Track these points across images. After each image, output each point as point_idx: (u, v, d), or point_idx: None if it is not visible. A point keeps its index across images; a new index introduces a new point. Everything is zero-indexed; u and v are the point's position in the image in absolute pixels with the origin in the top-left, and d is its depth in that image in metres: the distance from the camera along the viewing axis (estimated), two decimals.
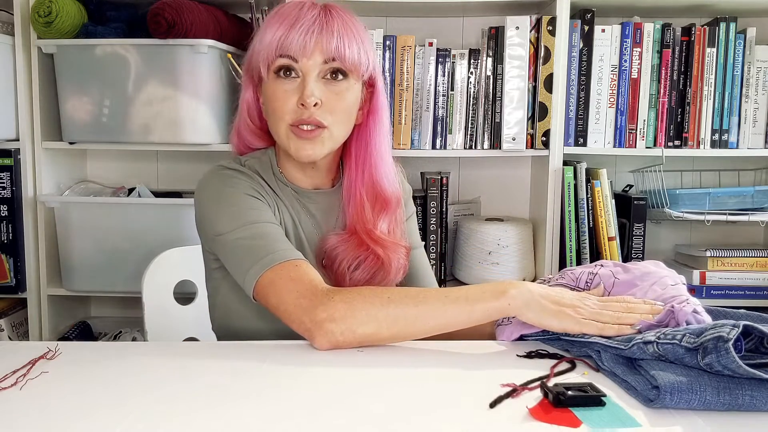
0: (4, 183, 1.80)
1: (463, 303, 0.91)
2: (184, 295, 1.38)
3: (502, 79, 1.80)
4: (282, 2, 1.07)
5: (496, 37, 1.81)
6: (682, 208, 1.79)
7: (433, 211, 1.85)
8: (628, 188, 1.97)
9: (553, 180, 1.80)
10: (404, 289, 0.95)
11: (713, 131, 1.81)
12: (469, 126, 1.85)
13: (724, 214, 1.78)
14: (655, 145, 1.82)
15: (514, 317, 0.95)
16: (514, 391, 0.74)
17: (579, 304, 0.91)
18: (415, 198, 1.83)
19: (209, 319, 1.17)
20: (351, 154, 1.14)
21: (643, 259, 1.78)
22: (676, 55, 1.80)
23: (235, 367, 0.84)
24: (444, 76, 1.83)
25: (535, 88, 1.80)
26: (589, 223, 1.78)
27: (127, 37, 1.73)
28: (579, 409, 0.69)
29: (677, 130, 1.82)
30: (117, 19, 1.75)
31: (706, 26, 1.80)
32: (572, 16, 1.78)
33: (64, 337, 1.88)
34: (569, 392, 0.70)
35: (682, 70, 1.80)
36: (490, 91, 1.83)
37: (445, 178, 1.85)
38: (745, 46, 1.79)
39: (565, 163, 1.79)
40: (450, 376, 0.82)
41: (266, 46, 1.03)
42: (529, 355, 0.88)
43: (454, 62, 1.83)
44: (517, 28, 1.77)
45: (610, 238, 1.76)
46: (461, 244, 1.90)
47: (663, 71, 1.80)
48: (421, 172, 1.94)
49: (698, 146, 1.81)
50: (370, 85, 1.11)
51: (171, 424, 0.68)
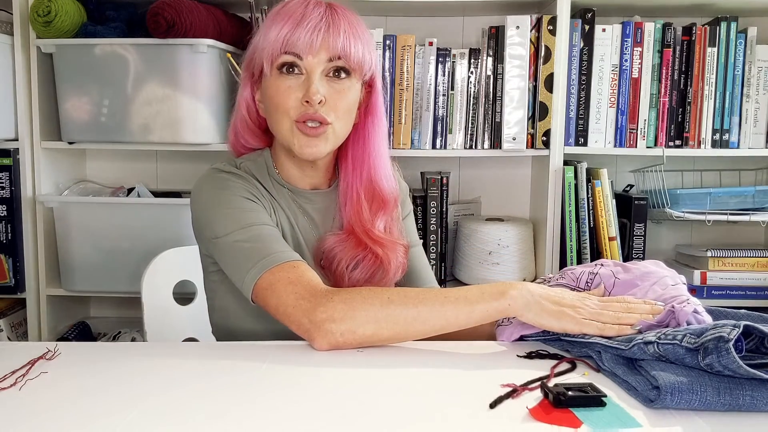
0: (3, 183, 1.80)
1: (462, 303, 0.91)
2: (184, 296, 1.38)
3: (502, 79, 1.80)
4: (283, 1, 1.07)
5: (497, 37, 1.81)
6: (683, 208, 1.79)
7: (434, 211, 1.85)
8: (628, 188, 1.97)
9: (553, 180, 1.80)
10: (404, 290, 0.95)
11: (714, 131, 1.81)
12: (470, 126, 1.85)
13: (725, 214, 1.78)
14: (655, 145, 1.82)
15: (514, 318, 0.95)
16: (514, 392, 0.74)
17: (579, 304, 0.90)
18: (415, 198, 1.84)
19: (209, 320, 1.17)
20: (348, 153, 1.14)
21: (643, 259, 1.77)
22: (677, 55, 1.79)
23: (235, 368, 0.84)
24: (444, 75, 1.82)
25: (535, 88, 1.80)
26: (589, 223, 1.78)
27: (126, 37, 1.73)
28: (579, 410, 0.69)
29: (678, 130, 1.82)
30: (116, 19, 1.75)
31: (706, 26, 1.79)
32: (573, 16, 1.78)
33: (64, 338, 1.88)
34: (570, 392, 0.70)
35: (683, 69, 1.80)
36: (491, 90, 1.82)
37: (445, 178, 1.85)
38: (746, 46, 1.78)
39: (566, 163, 1.79)
40: (450, 376, 0.81)
41: (271, 42, 1.02)
42: (530, 356, 0.87)
43: (454, 62, 1.83)
44: (518, 27, 1.77)
45: (611, 238, 1.76)
46: (461, 244, 1.90)
47: (664, 71, 1.80)
48: (421, 172, 1.94)
49: (699, 146, 1.81)
50: (368, 86, 1.12)
51: (171, 425, 0.68)
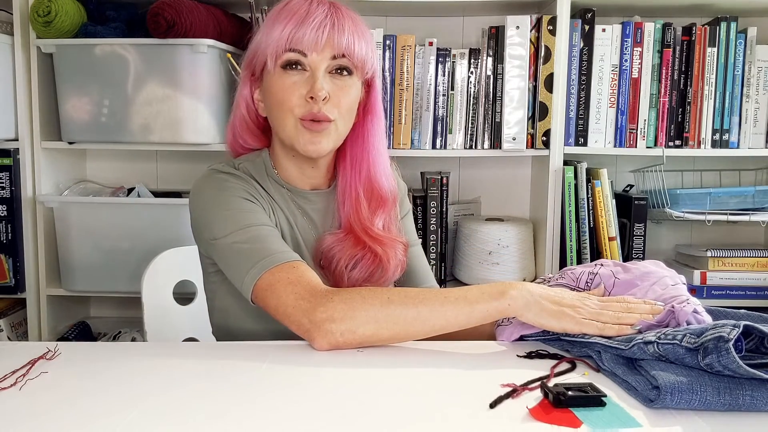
0: (3, 183, 1.80)
1: (462, 303, 0.91)
2: (184, 296, 1.38)
3: (502, 79, 1.80)
4: (283, 0, 1.07)
5: (497, 37, 1.81)
6: (683, 208, 1.79)
7: (433, 211, 1.85)
8: (628, 188, 1.97)
9: (553, 180, 1.80)
10: (404, 290, 0.95)
11: (714, 131, 1.81)
12: (469, 126, 1.85)
13: (725, 214, 1.78)
14: (655, 145, 1.82)
15: (514, 318, 0.95)
16: (514, 392, 0.74)
17: (579, 304, 0.90)
18: (415, 198, 1.84)
19: (209, 320, 1.17)
20: (347, 152, 1.14)
21: (643, 259, 1.77)
22: (677, 55, 1.79)
23: (235, 368, 0.84)
24: (444, 75, 1.82)
25: (535, 88, 1.80)
26: (589, 223, 1.78)
27: (126, 37, 1.73)
28: (579, 410, 0.69)
29: (678, 130, 1.82)
30: (116, 19, 1.75)
31: (706, 26, 1.79)
32: (573, 16, 1.78)
33: (64, 338, 1.88)
34: (569, 392, 0.70)
35: (683, 69, 1.80)
36: (491, 90, 1.82)
37: (445, 178, 1.85)
38: (745, 46, 1.79)
39: (566, 163, 1.79)
40: (450, 376, 0.81)
41: (275, 39, 1.03)
42: (530, 356, 0.87)
43: (454, 62, 1.83)
44: (518, 27, 1.77)
45: (611, 238, 1.76)
46: (461, 244, 1.90)
47: (663, 71, 1.80)
48: (421, 172, 1.94)
49: (699, 146, 1.81)
50: (367, 85, 1.12)
51: (171, 425, 0.68)
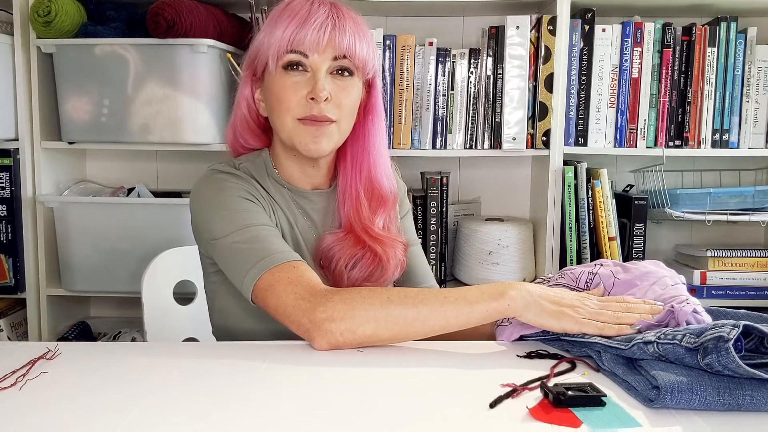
0: (3, 183, 1.80)
1: (462, 304, 0.91)
2: (184, 296, 1.38)
3: (502, 79, 1.80)
4: (285, 0, 1.07)
5: (497, 37, 1.81)
6: (683, 208, 1.79)
7: (433, 211, 1.85)
8: (628, 188, 1.97)
9: (553, 180, 1.80)
10: (404, 290, 0.95)
11: (714, 131, 1.81)
12: (469, 126, 1.85)
13: (725, 214, 1.78)
14: (655, 145, 1.82)
15: (514, 318, 0.95)
16: (514, 392, 0.74)
17: (578, 304, 0.91)
18: (415, 198, 1.84)
19: (209, 320, 1.17)
20: (347, 152, 1.14)
21: (643, 259, 1.77)
22: (677, 55, 1.79)
23: (235, 368, 0.84)
24: (444, 75, 1.82)
25: (535, 88, 1.80)
26: (589, 223, 1.78)
27: (126, 37, 1.73)
28: (579, 410, 0.69)
29: (678, 130, 1.82)
30: (116, 19, 1.75)
31: (706, 26, 1.79)
32: (573, 16, 1.78)
33: (64, 338, 1.88)
34: (569, 392, 0.70)
35: (683, 69, 1.80)
36: (491, 90, 1.82)
37: (445, 178, 1.85)
38: (745, 46, 1.79)
39: (566, 163, 1.79)
40: (450, 376, 0.81)
41: (277, 40, 1.03)
42: (529, 356, 0.87)
43: (454, 62, 1.83)
44: (518, 27, 1.77)
45: (611, 238, 1.76)
46: (461, 244, 1.90)
47: (663, 71, 1.80)
48: (421, 172, 1.94)
49: (699, 146, 1.81)
50: (368, 85, 1.12)
51: (171, 425, 0.68)
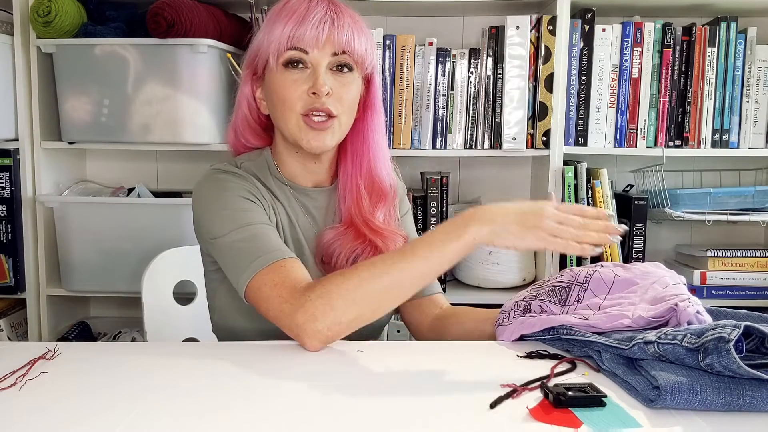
0: (3, 183, 1.80)
1: (428, 253, 0.91)
2: (184, 295, 1.38)
3: (502, 79, 1.80)
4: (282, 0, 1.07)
5: (497, 37, 1.81)
6: (683, 208, 1.79)
7: (433, 211, 1.85)
8: (628, 188, 1.97)
9: (553, 180, 1.80)
10: (371, 262, 0.94)
11: (714, 131, 1.81)
12: (469, 126, 1.85)
13: (725, 214, 1.77)
14: (655, 145, 1.82)
15: (514, 317, 0.95)
16: (514, 392, 0.74)
17: (540, 223, 0.89)
18: (415, 198, 1.84)
19: (209, 319, 1.17)
20: (347, 148, 1.14)
21: (643, 259, 1.78)
22: (677, 55, 1.79)
23: (235, 368, 0.84)
24: (444, 75, 1.82)
25: (535, 88, 1.80)
26: None
27: (126, 37, 1.73)
28: (579, 410, 0.69)
29: (678, 130, 1.82)
30: (116, 19, 1.75)
31: (706, 26, 1.79)
32: (573, 16, 1.78)
33: (64, 338, 1.88)
34: (570, 393, 0.70)
35: (683, 69, 1.80)
36: (491, 90, 1.82)
37: (445, 178, 1.85)
38: (745, 46, 1.78)
39: (566, 163, 1.79)
40: (450, 376, 0.81)
41: (276, 38, 1.03)
42: (530, 356, 0.87)
43: (454, 62, 1.83)
44: (518, 27, 1.77)
45: None
46: None
47: (663, 71, 1.80)
48: (421, 172, 1.94)
49: (699, 146, 1.81)
50: (367, 81, 1.13)
51: (170, 425, 0.68)
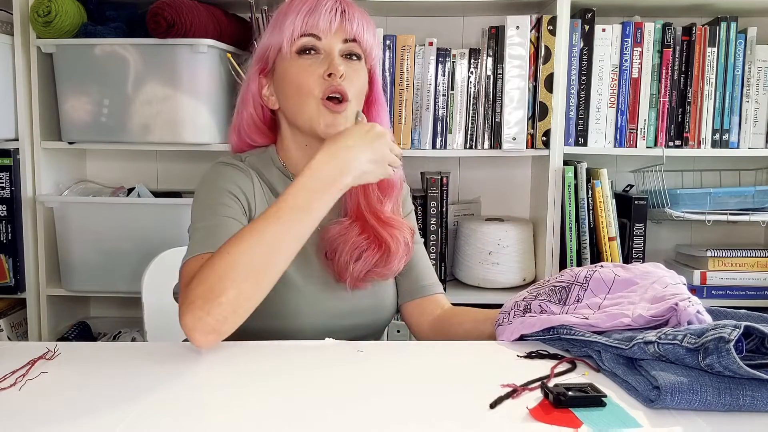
0: (3, 183, 1.80)
1: (300, 213, 0.92)
2: None
3: (502, 79, 1.80)
4: (283, 0, 1.08)
5: (497, 37, 1.81)
6: (683, 208, 1.79)
7: (433, 211, 1.85)
8: (628, 188, 1.97)
9: (553, 180, 1.80)
10: (238, 238, 0.91)
11: (714, 131, 1.81)
12: (469, 126, 1.85)
13: (725, 214, 1.77)
14: (655, 145, 1.82)
15: (514, 317, 0.95)
16: (514, 392, 0.74)
17: (386, 155, 1.00)
18: (415, 198, 1.84)
19: None
20: None
21: (643, 259, 1.78)
22: (677, 55, 1.79)
23: (234, 368, 0.84)
24: (444, 75, 1.82)
25: (535, 88, 1.80)
26: (589, 223, 1.78)
27: (126, 37, 1.73)
28: (579, 410, 0.69)
29: (678, 130, 1.82)
30: (116, 19, 1.75)
31: (706, 26, 1.79)
32: (573, 16, 1.78)
33: (64, 338, 1.88)
34: (570, 393, 0.70)
35: (683, 69, 1.80)
36: (491, 90, 1.82)
37: (445, 178, 1.85)
38: (745, 46, 1.78)
39: (566, 163, 1.79)
40: (450, 376, 0.81)
41: (289, 27, 1.06)
42: (530, 356, 0.87)
43: (454, 62, 1.83)
44: (518, 27, 1.77)
45: (611, 238, 1.76)
46: (461, 244, 1.90)
47: (664, 71, 1.80)
48: (421, 172, 1.94)
49: (699, 146, 1.81)
50: (369, 76, 1.14)
51: (170, 425, 0.68)
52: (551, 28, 1.76)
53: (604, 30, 1.78)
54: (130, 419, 0.68)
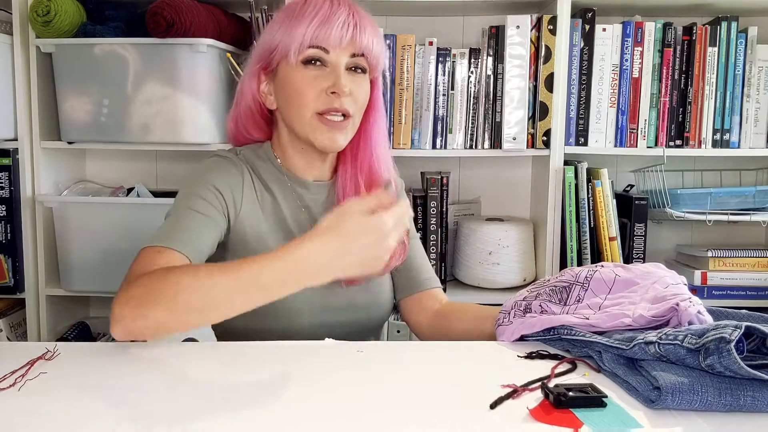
0: (2, 183, 1.80)
1: (260, 289, 0.84)
2: None
3: (502, 79, 1.80)
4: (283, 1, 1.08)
5: (497, 37, 1.80)
6: (684, 208, 1.79)
7: (433, 211, 1.84)
8: (629, 188, 1.97)
9: (553, 180, 1.80)
10: (194, 272, 0.87)
11: (714, 131, 1.80)
12: (470, 126, 1.84)
13: (726, 214, 1.77)
14: (656, 145, 1.82)
15: (514, 317, 0.95)
16: (514, 392, 0.74)
17: (384, 248, 0.84)
18: (415, 198, 1.84)
19: None
20: (350, 146, 1.15)
21: (644, 259, 1.77)
22: (678, 55, 1.79)
23: (234, 368, 0.84)
24: (444, 75, 1.82)
25: (535, 88, 1.80)
26: (590, 223, 1.77)
27: (126, 37, 1.73)
28: (580, 410, 0.69)
29: (678, 130, 1.82)
30: (116, 18, 1.75)
31: (707, 25, 1.79)
32: (573, 15, 1.78)
33: (63, 338, 1.87)
34: (570, 393, 0.70)
35: (684, 69, 1.80)
36: (491, 90, 1.82)
37: (445, 178, 1.85)
38: (746, 46, 1.78)
39: (566, 163, 1.79)
40: (450, 376, 0.81)
41: (299, 35, 1.05)
42: (530, 356, 0.87)
43: (454, 61, 1.83)
44: (518, 27, 1.77)
45: (611, 238, 1.75)
46: (461, 244, 1.90)
47: (664, 70, 1.79)
48: (421, 172, 1.94)
49: (699, 146, 1.81)
50: (371, 83, 1.14)
51: (170, 425, 0.67)
52: (551, 27, 1.76)
53: (604, 30, 1.78)
54: (128, 420, 0.68)
